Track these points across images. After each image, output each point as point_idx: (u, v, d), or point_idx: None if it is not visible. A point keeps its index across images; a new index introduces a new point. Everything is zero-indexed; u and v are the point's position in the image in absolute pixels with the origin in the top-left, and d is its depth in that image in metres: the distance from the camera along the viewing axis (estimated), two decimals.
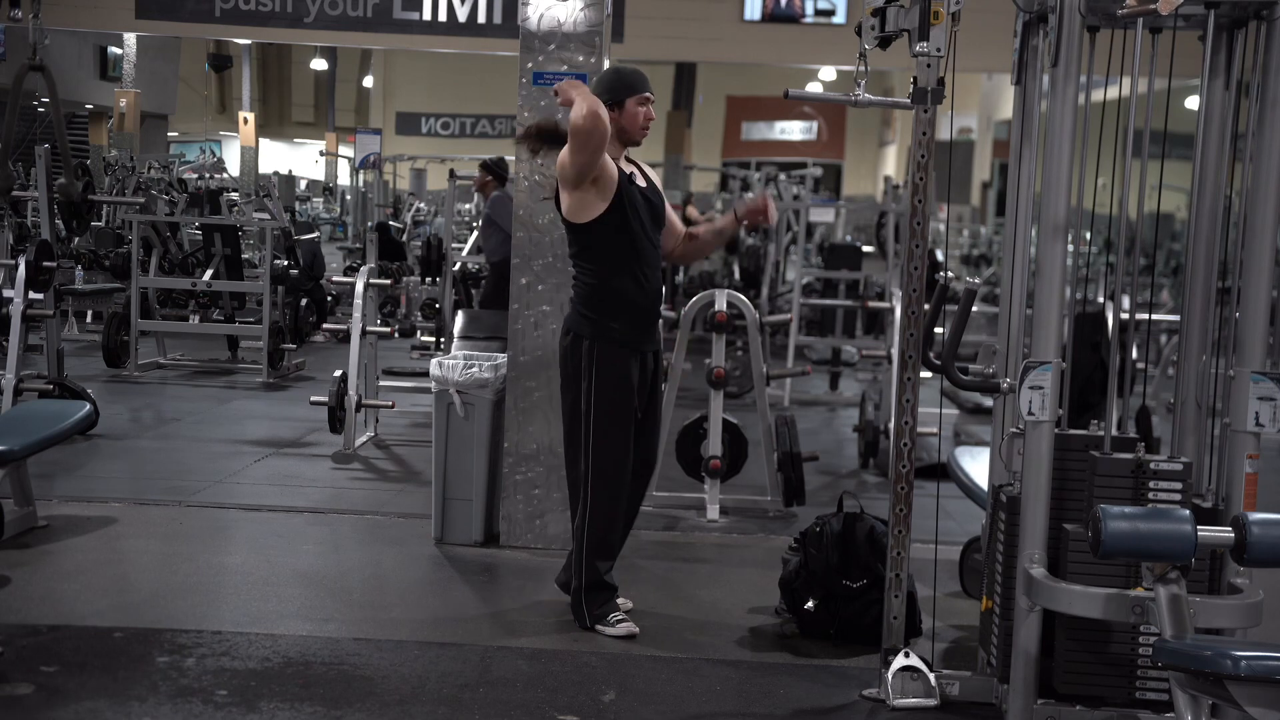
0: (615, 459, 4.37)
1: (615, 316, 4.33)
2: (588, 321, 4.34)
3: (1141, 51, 3.55)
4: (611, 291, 4.33)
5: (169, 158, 18.53)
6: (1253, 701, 2.69)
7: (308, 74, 30.12)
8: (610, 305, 4.33)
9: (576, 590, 4.44)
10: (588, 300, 4.35)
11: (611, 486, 4.39)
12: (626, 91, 4.33)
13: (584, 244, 4.35)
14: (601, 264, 4.33)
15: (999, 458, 3.89)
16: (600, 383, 4.31)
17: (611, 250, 4.32)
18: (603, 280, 4.33)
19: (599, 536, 4.41)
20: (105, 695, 3.70)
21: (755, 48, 12.42)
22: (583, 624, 4.42)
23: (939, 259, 11.80)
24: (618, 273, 4.32)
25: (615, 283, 4.32)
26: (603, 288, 4.33)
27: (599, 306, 4.33)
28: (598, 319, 4.32)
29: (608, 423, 4.33)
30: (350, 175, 25.20)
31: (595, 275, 4.33)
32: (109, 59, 20.85)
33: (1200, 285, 3.72)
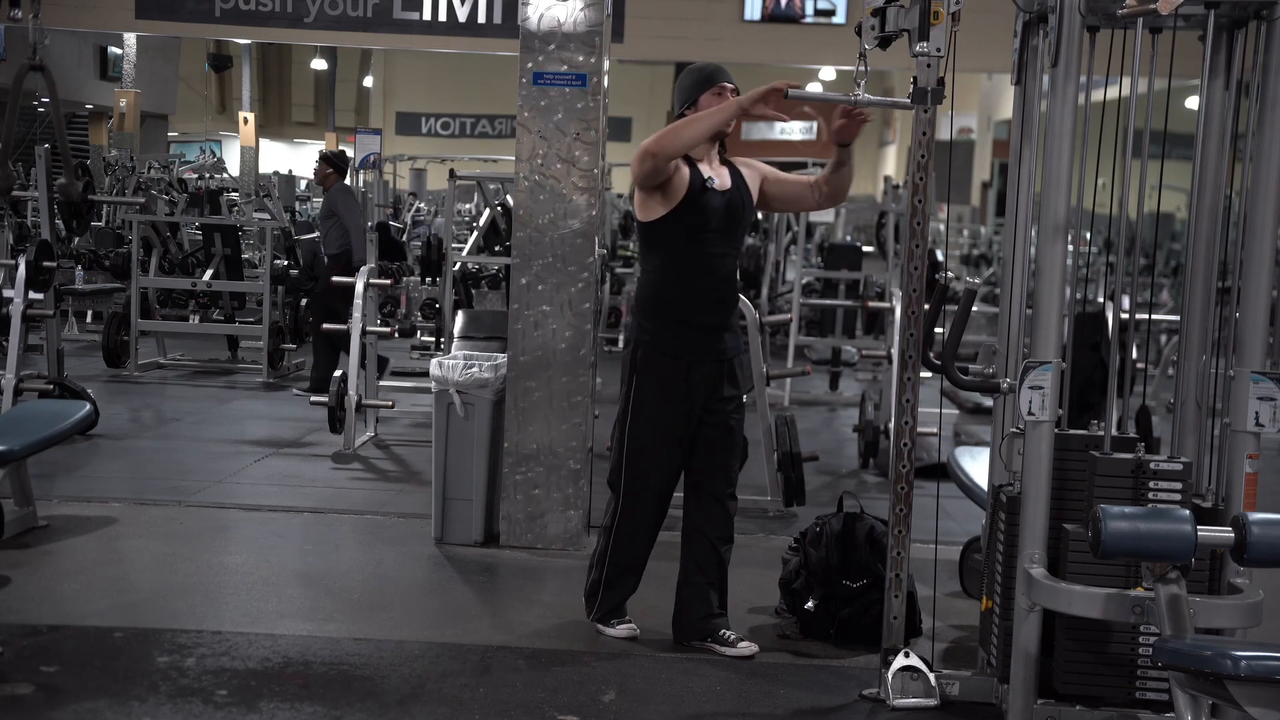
0: (647, 466, 4.26)
1: (666, 323, 4.20)
2: (638, 326, 4.26)
3: (1141, 51, 3.55)
4: (664, 296, 4.21)
5: (169, 158, 18.54)
6: (1253, 701, 2.69)
7: (308, 74, 30.09)
8: (662, 311, 4.21)
9: (595, 582, 4.40)
10: (642, 303, 4.27)
11: (640, 492, 4.29)
12: (697, 90, 4.24)
13: (645, 244, 4.27)
14: (659, 266, 4.22)
15: (999, 458, 3.89)
16: (640, 388, 4.22)
17: (670, 253, 4.20)
18: (657, 283, 4.23)
19: (623, 539, 4.33)
20: (105, 695, 3.70)
21: (755, 48, 12.39)
22: (588, 614, 4.42)
23: (939, 259, 11.79)
24: (673, 278, 4.20)
25: (669, 288, 4.20)
26: (656, 291, 4.23)
27: (650, 311, 4.23)
28: (647, 324, 4.22)
29: (642, 429, 4.23)
30: (350, 175, 25.18)
31: (651, 277, 4.25)
32: (109, 59, 20.84)
33: (1200, 285, 3.72)
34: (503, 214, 10.37)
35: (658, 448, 4.25)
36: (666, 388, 4.20)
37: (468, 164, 20.24)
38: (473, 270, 10.57)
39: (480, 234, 10.49)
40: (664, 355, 4.20)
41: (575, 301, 5.38)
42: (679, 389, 4.20)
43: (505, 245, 9.82)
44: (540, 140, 5.36)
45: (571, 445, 5.40)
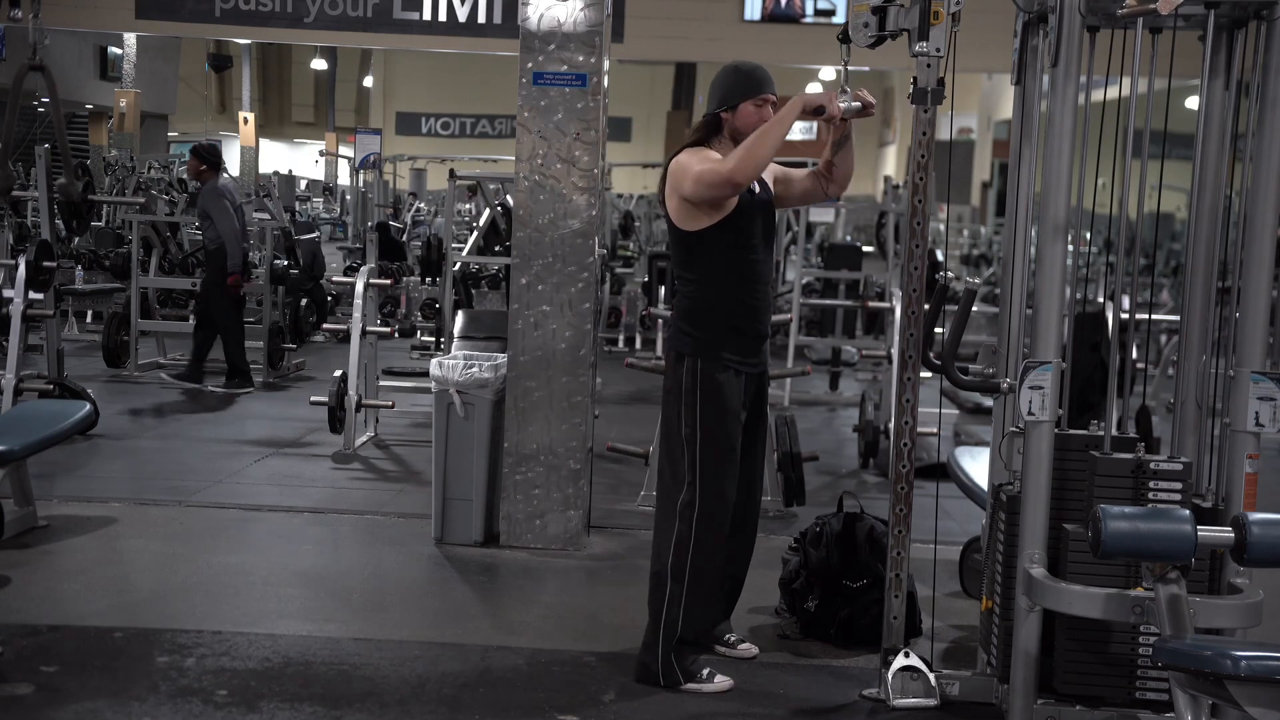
0: (723, 489, 3.99)
1: (720, 333, 3.96)
2: (690, 338, 3.98)
3: (1141, 51, 3.55)
4: (717, 306, 3.97)
5: (169, 158, 18.55)
6: (1253, 701, 2.69)
7: (308, 74, 30.13)
8: (716, 321, 3.96)
9: (666, 640, 3.95)
10: (692, 314, 3.99)
11: (718, 521, 3.99)
12: (741, 95, 3.99)
13: (688, 253, 3.99)
14: (708, 275, 3.97)
15: (999, 457, 3.89)
16: (705, 406, 3.94)
17: (720, 262, 3.97)
18: (709, 293, 3.97)
19: (699, 578, 3.96)
20: (105, 695, 3.70)
21: (755, 48, 12.39)
22: (670, 683, 3.94)
23: (939, 259, 11.79)
24: (726, 286, 3.97)
25: (722, 297, 3.97)
26: (708, 301, 3.97)
27: (702, 321, 3.97)
28: (701, 334, 3.96)
29: (716, 450, 3.96)
30: (350, 175, 25.20)
31: (699, 288, 3.98)
32: (109, 59, 20.86)
33: (1200, 285, 3.72)
34: (503, 214, 10.37)
35: (730, 468, 4.00)
36: (732, 403, 3.97)
37: (468, 164, 20.26)
38: (473, 270, 10.57)
39: (480, 234, 10.49)
40: (726, 367, 3.96)
41: (575, 301, 5.38)
42: (738, 403, 4.00)
43: (505, 245, 9.82)
44: (540, 140, 5.36)
45: (571, 445, 5.40)
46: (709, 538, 3.96)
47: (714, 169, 3.89)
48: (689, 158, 3.97)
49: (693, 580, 3.94)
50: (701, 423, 3.94)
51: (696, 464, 3.95)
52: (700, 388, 3.95)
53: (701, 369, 3.95)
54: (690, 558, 3.94)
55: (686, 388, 3.97)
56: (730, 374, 3.97)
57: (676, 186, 3.96)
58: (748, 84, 4.01)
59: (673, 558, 3.95)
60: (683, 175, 3.94)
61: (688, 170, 3.93)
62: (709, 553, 3.97)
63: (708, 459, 3.95)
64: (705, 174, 3.89)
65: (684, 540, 3.94)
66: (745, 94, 4.00)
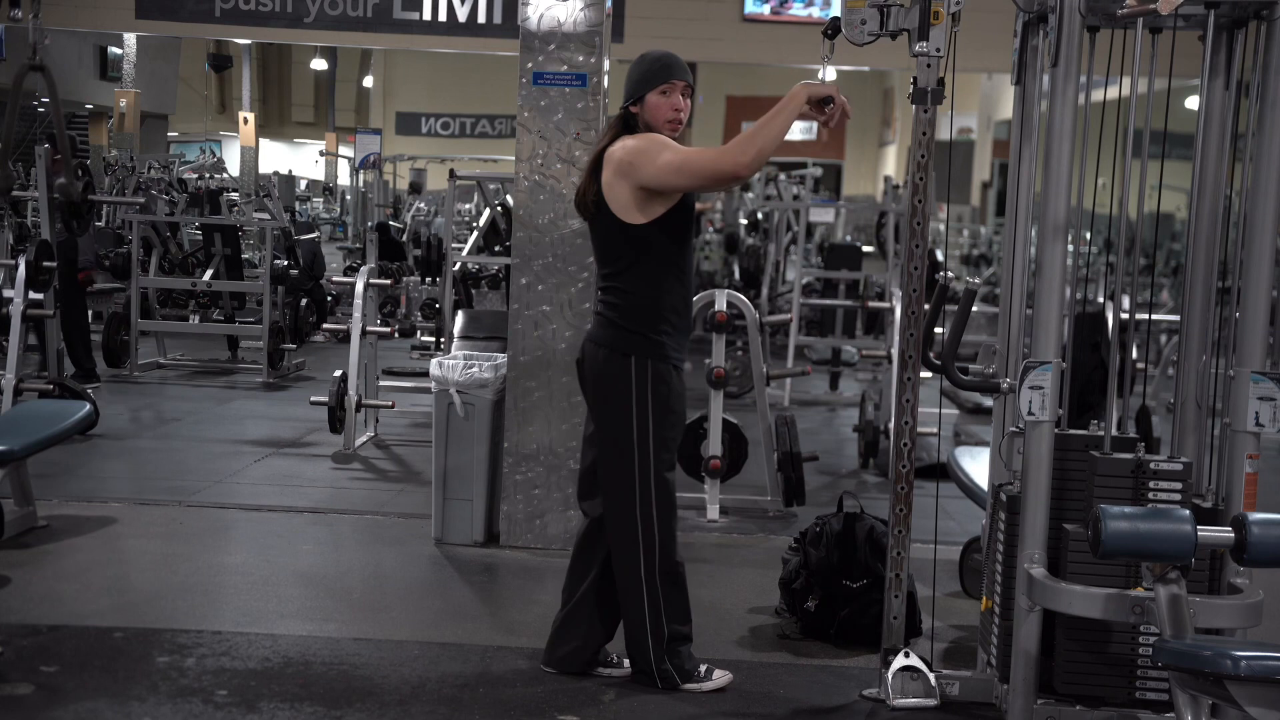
0: (672, 486, 3.92)
1: (667, 330, 3.85)
2: (639, 336, 3.82)
3: (1141, 51, 3.55)
4: (663, 302, 3.84)
5: (169, 158, 18.52)
6: (1253, 701, 2.70)
7: (308, 74, 30.11)
8: (663, 318, 3.84)
9: (657, 644, 3.91)
10: (639, 311, 3.83)
11: (673, 516, 3.93)
12: (645, 86, 3.83)
13: (635, 247, 3.82)
14: (655, 270, 3.83)
15: (999, 457, 3.89)
16: (657, 407, 3.84)
17: (666, 255, 3.83)
18: (654, 290, 3.83)
19: (673, 574, 3.93)
20: (105, 695, 3.70)
21: (755, 48, 12.40)
22: (668, 685, 3.91)
23: (939, 259, 11.79)
24: (670, 280, 3.84)
25: (668, 292, 3.84)
26: (655, 297, 3.83)
27: (651, 318, 3.83)
28: (649, 333, 3.82)
29: (668, 452, 3.89)
30: (350, 175, 25.19)
31: (645, 283, 3.82)
32: (109, 59, 20.84)
33: (1200, 285, 3.72)
34: (502, 214, 10.37)
35: (673, 464, 3.95)
36: (678, 402, 3.91)
37: (468, 164, 20.25)
38: (473, 270, 10.57)
39: (480, 234, 10.49)
40: (671, 365, 3.87)
41: (575, 301, 5.38)
42: (683, 402, 3.96)
43: (505, 245, 9.82)
44: (540, 140, 5.36)
45: (571, 445, 5.39)
46: (671, 533, 3.92)
47: (704, 157, 3.74)
48: (642, 142, 3.78)
49: (666, 578, 3.90)
50: (655, 425, 3.84)
51: (650, 466, 3.86)
52: (652, 390, 3.83)
53: (653, 370, 3.83)
54: (659, 557, 3.88)
55: (637, 390, 3.83)
56: (675, 370, 3.88)
57: (630, 172, 3.75)
58: (649, 74, 3.85)
59: (643, 564, 3.88)
60: (642, 160, 3.73)
61: (649, 155, 3.74)
62: (675, 549, 3.93)
63: (661, 460, 3.87)
64: (692, 162, 3.73)
65: (650, 543, 3.88)
66: (648, 84, 3.84)
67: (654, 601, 3.90)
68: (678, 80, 3.85)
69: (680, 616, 3.96)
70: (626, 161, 3.76)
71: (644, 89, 3.84)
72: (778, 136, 3.69)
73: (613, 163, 3.80)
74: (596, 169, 3.86)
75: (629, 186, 3.77)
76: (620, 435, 3.88)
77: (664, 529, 3.89)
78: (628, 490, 3.88)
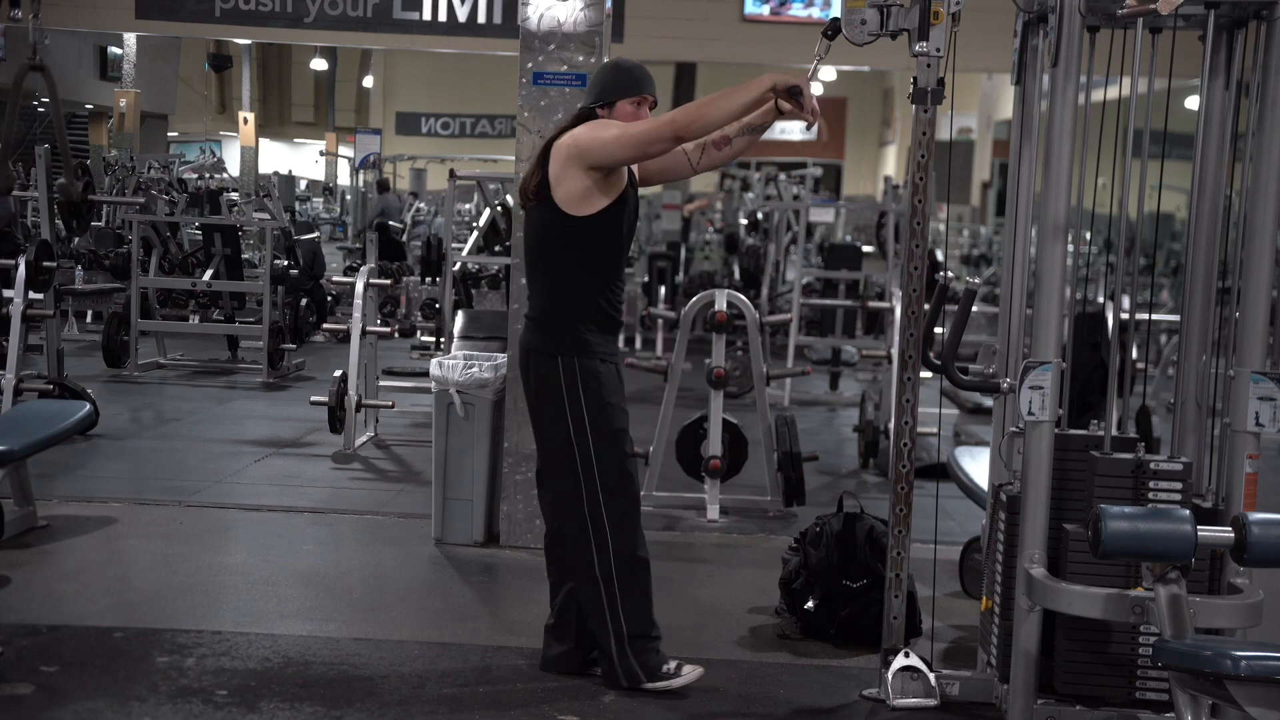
0: (626, 479, 3.87)
1: (599, 328, 3.84)
2: (569, 334, 3.81)
3: (1141, 51, 3.55)
4: (597, 299, 3.83)
5: (169, 158, 18.51)
6: (1253, 701, 2.70)
7: (308, 74, 30.09)
8: (596, 315, 3.83)
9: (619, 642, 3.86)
10: (571, 308, 3.81)
11: (629, 509, 3.87)
12: (620, 92, 3.84)
13: (573, 241, 3.78)
14: (588, 267, 3.81)
15: (999, 457, 3.89)
16: (591, 402, 3.80)
17: (603, 252, 3.82)
18: (589, 286, 3.81)
19: (630, 568, 3.86)
20: (105, 695, 3.70)
21: (755, 47, 12.41)
22: (633, 683, 3.86)
23: (939, 259, 11.80)
24: (604, 277, 3.83)
25: (602, 290, 3.83)
26: (588, 294, 3.81)
27: (583, 315, 3.81)
28: (581, 330, 3.80)
29: (609, 449, 3.83)
30: (350, 175, 25.19)
31: (579, 280, 3.81)
32: (109, 59, 20.83)
33: (1200, 285, 3.72)
34: (502, 214, 10.38)
35: (626, 454, 3.89)
36: (613, 394, 3.85)
37: (468, 164, 20.25)
38: (473, 270, 10.57)
39: (480, 234, 10.49)
40: (603, 361, 3.83)
41: None
42: (618, 390, 3.88)
43: (505, 245, 9.82)
44: (540, 140, 5.34)
45: None
46: (627, 529, 3.85)
47: (645, 122, 3.73)
48: (589, 129, 3.76)
49: (623, 575, 3.84)
50: (590, 420, 3.80)
51: (592, 462, 3.81)
52: (583, 385, 3.80)
53: (580, 366, 3.80)
54: (613, 554, 3.83)
55: (568, 388, 3.80)
56: (604, 365, 3.84)
57: (579, 155, 3.73)
58: (627, 82, 3.86)
59: (597, 562, 3.84)
60: (586, 141, 3.72)
61: (593, 134, 3.73)
62: (633, 543, 3.87)
63: (604, 454, 3.82)
64: (633, 129, 3.71)
65: (602, 540, 3.83)
66: (624, 92, 3.85)
67: (611, 599, 3.85)
68: (649, 95, 3.89)
69: (641, 614, 3.89)
70: (574, 145, 3.75)
71: (618, 95, 3.85)
72: (724, 112, 3.69)
73: (561, 151, 3.77)
74: (545, 159, 3.83)
75: (579, 171, 3.74)
76: (557, 435, 3.84)
77: (617, 525, 3.84)
78: (573, 490, 3.85)
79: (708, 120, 3.70)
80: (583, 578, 3.89)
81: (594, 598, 3.87)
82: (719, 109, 3.70)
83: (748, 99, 3.72)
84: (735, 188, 17.67)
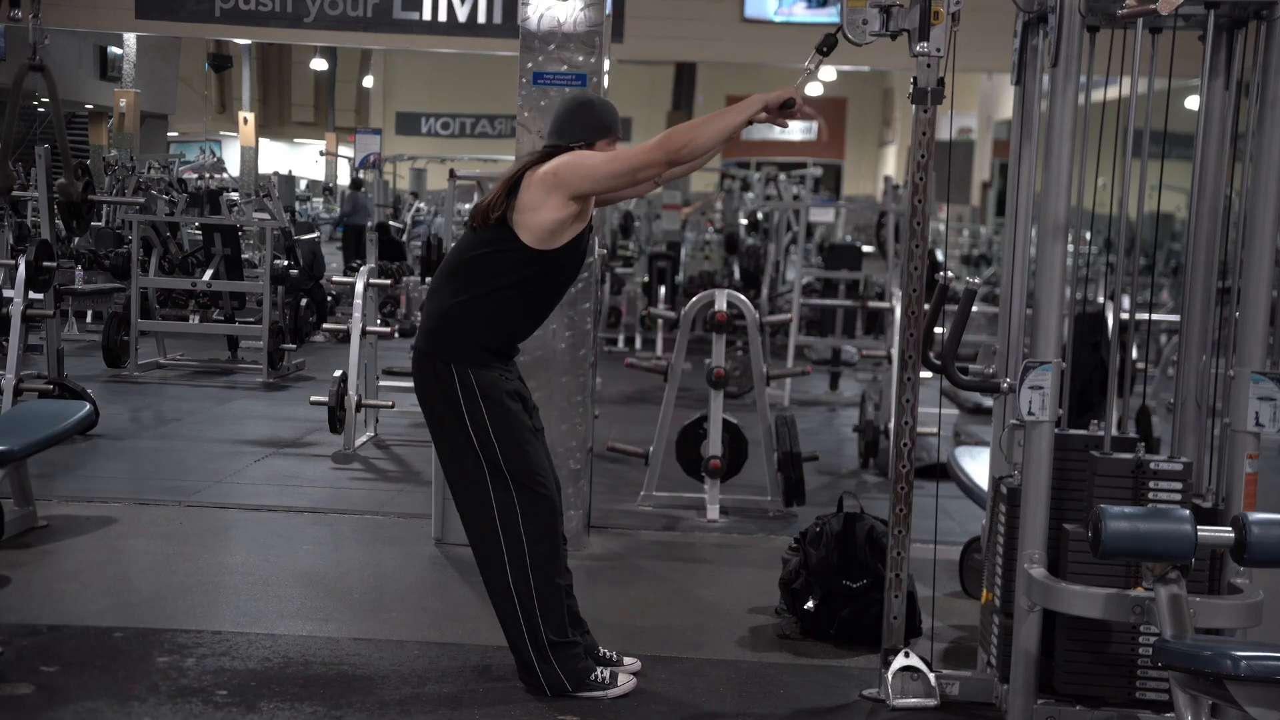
0: (535, 472, 3.77)
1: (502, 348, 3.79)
2: (464, 346, 3.72)
3: (1141, 51, 3.55)
4: (519, 326, 3.80)
5: (169, 158, 18.52)
6: (1253, 701, 2.70)
7: (308, 74, 30.12)
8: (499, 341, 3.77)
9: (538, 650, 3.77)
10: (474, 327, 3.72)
11: (541, 521, 3.76)
12: (603, 132, 3.81)
13: (520, 272, 3.71)
14: (522, 298, 3.75)
15: (999, 452, 3.89)
16: (491, 409, 3.71)
17: (549, 283, 3.79)
18: (508, 311, 3.75)
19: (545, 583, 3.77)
20: (105, 695, 3.70)
21: (755, 47, 12.42)
22: (557, 692, 3.78)
23: (939, 259, 11.80)
24: (535, 307, 3.81)
25: (527, 318, 3.81)
26: (503, 317, 3.75)
27: (485, 334, 3.73)
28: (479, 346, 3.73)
29: (513, 453, 3.73)
30: (350, 175, 25.18)
31: (504, 307, 3.73)
32: (109, 59, 20.85)
33: (1200, 285, 3.72)
34: None
35: (534, 455, 3.79)
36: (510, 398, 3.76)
37: (468, 164, 20.25)
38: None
39: None
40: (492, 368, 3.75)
41: (575, 301, 5.37)
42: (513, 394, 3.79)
43: None
44: (540, 140, 5.35)
45: (571, 445, 5.40)
46: (541, 535, 3.76)
47: (636, 149, 3.67)
48: (570, 160, 3.70)
49: (539, 582, 3.76)
50: (492, 425, 3.71)
51: (501, 467, 3.73)
52: (480, 392, 3.70)
53: (476, 376, 3.71)
54: (529, 563, 3.74)
55: (465, 396, 3.71)
56: (498, 374, 3.76)
57: (559, 185, 3.66)
58: (607, 121, 3.83)
59: (511, 572, 3.75)
60: (567, 171, 3.66)
61: (575, 163, 3.68)
62: (546, 550, 3.77)
63: (511, 458, 3.73)
64: (625, 155, 3.69)
65: (517, 548, 3.74)
66: (604, 132, 3.82)
67: (527, 609, 3.76)
68: (618, 135, 3.87)
69: (560, 621, 3.81)
70: (554, 173, 3.67)
71: (599, 135, 3.80)
72: (714, 136, 3.66)
73: (540, 180, 3.68)
74: (512, 188, 3.73)
75: (561, 200, 3.67)
76: (459, 443, 3.76)
77: (533, 529, 3.76)
78: (481, 498, 3.77)
79: (698, 145, 3.66)
80: (495, 588, 3.80)
81: (509, 607, 3.78)
82: (711, 132, 3.66)
83: (738, 121, 3.70)
84: (735, 188, 17.68)
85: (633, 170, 3.69)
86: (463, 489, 3.82)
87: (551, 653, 3.78)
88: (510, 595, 3.77)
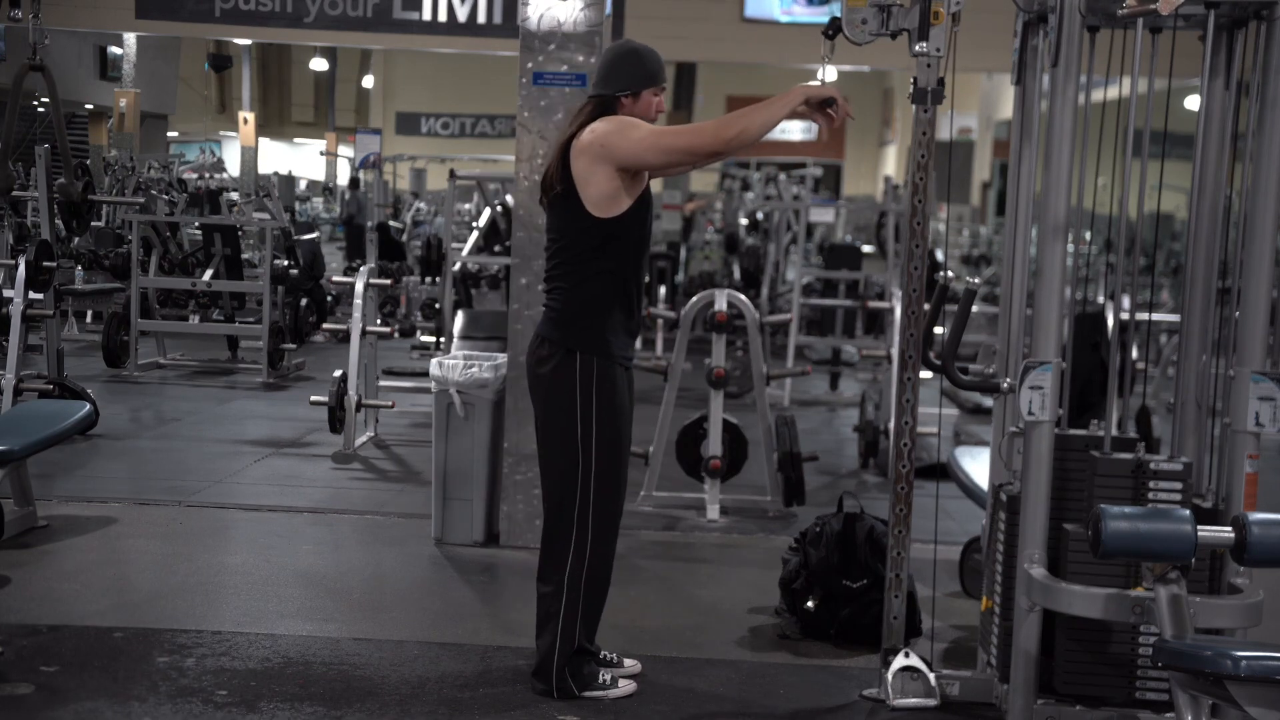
0: (617, 498, 3.82)
1: (614, 329, 3.77)
2: (587, 331, 3.74)
3: (1141, 51, 3.55)
4: (618, 300, 3.76)
5: (169, 158, 18.53)
6: (1253, 701, 2.69)
7: (308, 74, 30.10)
8: (612, 316, 3.76)
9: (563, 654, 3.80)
10: (589, 306, 3.74)
11: (612, 529, 3.83)
12: (647, 81, 3.75)
13: (598, 242, 3.71)
14: (616, 266, 3.73)
15: (999, 457, 3.89)
16: (601, 407, 3.74)
17: (626, 252, 3.75)
18: (611, 287, 3.75)
19: (596, 590, 3.83)
20: (105, 695, 3.70)
21: (755, 47, 12.42)
22: (564, 695, 3.80)
23: (939, 259, 11.80)
24: (625, 278, 3.76)
25: (622, 290, 3.76)
26: (610, 295, 3.75)
27: (597, 316, 3.75)
28: (598, 330, 3.74)
29: (610, 456, 3.77)
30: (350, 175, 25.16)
31: (600, 280, 3.74)
32: (109, 59, 20.83)
33: (1200, 285, 3.72)
34: (502, 214, 10.38)
35: (624, 475, 3.84)
36: (624, 400, 3.80)
37: (468, 164, 20.25)
38: (473, 270, 10.58)
39: (480, 234, 10.50)
40: (616, 364, 3.77)
41: None
42: (629, 400, 3.85)
43: (505, 245, 9.82)
44: (540, 140, 5.35)
45: None
46: (606, 544, 3.80)
47: (683, 131, 3.69)
48: (611, 124, 3.68)
49: (590, 589, 3.80)
50: (598, 423, 3.73)
51: (592, 467, 3.74)
52: (597, 386, 3.72)
53: (598, 367, 3.73)
54: (587, 566, 3.77)
55: (581, 386, 3.72)
56: (621, 370, 3.79)
57: (606, 155, 3.65)
58: (653, 73, 3.78)
59: (570, 567, 3.77)
60: (615, 139, 3.64)
61: (623, 133, 3.65)
62: (606, 559, 3.82)
63: (604, 461, 3.75)
64: (668, 135, 3.68)
65: (582, 547, 3.77)
66: (650, 80, 3.77)
67: (571, 610, 3.79)
68: (664, 84, 3.84)
69: (590, 630, 3.87)
70: (600, 144, 3.66)
71: (644, 84, 3.76)
72: (763, 126, 3.63)
73: (587, 149, 3.68)
74: (566, 155, 3.73)
75: (608, 171, 3.67)
76: (565, 433, 3.76)
77: (600, 536, 3.79)
78: (569, 490, 3.77)
79: (748, 135, 3.63)
80: (551, 579, 3.81)
81: (554, 602, 3.80)
82: (759, 122, 3.62)
83: (783, 113, 3.64)
84: (735, 188, 17.67)
85: (685, 151, 3.68)
86: (554, 476, 3.81)
87: (572, 660, 3.81)
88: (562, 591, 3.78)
